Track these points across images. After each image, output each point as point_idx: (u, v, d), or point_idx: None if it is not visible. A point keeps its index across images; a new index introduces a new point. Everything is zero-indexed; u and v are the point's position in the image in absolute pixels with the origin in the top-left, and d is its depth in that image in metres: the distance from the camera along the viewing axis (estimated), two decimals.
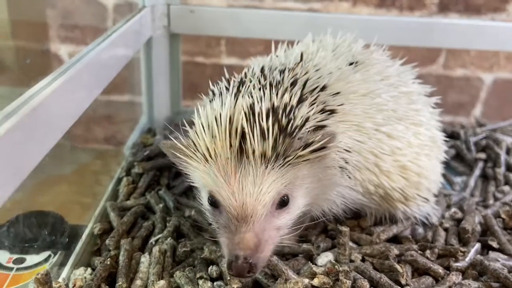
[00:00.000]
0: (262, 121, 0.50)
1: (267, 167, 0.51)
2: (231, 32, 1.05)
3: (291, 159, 0.51)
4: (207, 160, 0.52)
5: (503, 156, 0.94)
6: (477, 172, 0.93)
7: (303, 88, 0.57)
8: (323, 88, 0.59)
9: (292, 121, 0.52)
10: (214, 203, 0.55)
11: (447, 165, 0.99)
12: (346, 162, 0.59)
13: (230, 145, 0.51)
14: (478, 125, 1.16)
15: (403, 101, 0.67)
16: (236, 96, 0.55)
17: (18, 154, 0.44)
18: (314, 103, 0.56)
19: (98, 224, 0.69)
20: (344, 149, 0.58)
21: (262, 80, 0.60)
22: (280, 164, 0.51)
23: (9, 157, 0.42)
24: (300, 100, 0.55)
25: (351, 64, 0.66)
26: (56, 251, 0.68)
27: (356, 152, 0.59)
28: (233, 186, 0.51)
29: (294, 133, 0.51)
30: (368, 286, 0.55)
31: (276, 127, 0.50)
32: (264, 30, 1.02)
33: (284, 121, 0.51)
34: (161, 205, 0.74)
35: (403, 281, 0.56)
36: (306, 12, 1.23)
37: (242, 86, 0.58)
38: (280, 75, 0.60)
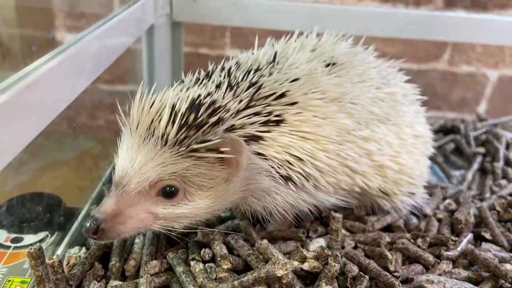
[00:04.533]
0: (180, 110, 0.51)
1: (161, 148, 0.52)
2: (234, 21, 1.05)
3: (185, 150, 0.51)
4: (131, 134, 0.54)
5: (502, 151, 0.94)
6: (475, 166, 0.93)
7: (254, 94, 0.56)
8: (281, 96, 0.57)
9: (208, 118, 0.52)
10: None
11: (446, 159, 0.99)
12: (291, 169, 0.57)
13: (150, 125, 0.52)
14: (479, 120, 1.15)
15: (385, 103, 0.65)
16: (192, 86, 0.57)
17: (9, 130, 0.45)
18: (259, 113, 0.55)
19: (94, 206, 0.70)
20: (287, 160, 0.56)
21: (226, 77, 0.59)
22: (174, 152, 0.51)
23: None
24: (247, 107, 0.55)
25: (328, 65, 0.63)
26: (53, 231, 0.69)
27: (310, 159, 0.57)
28: (125, 155, 0.53)
29: (202, 128, 0.51)
30: (356, 270, 0.56)
31: (190, 118, 0.51)
32: (267, 20, 1.02)
33: (201, 116, 0.52)
34: None
35: (391, 268, 0.57)
36: (311, 4, 1.22)
37: (206, 79, 0.60)
38: (244, 76, 0.59)
